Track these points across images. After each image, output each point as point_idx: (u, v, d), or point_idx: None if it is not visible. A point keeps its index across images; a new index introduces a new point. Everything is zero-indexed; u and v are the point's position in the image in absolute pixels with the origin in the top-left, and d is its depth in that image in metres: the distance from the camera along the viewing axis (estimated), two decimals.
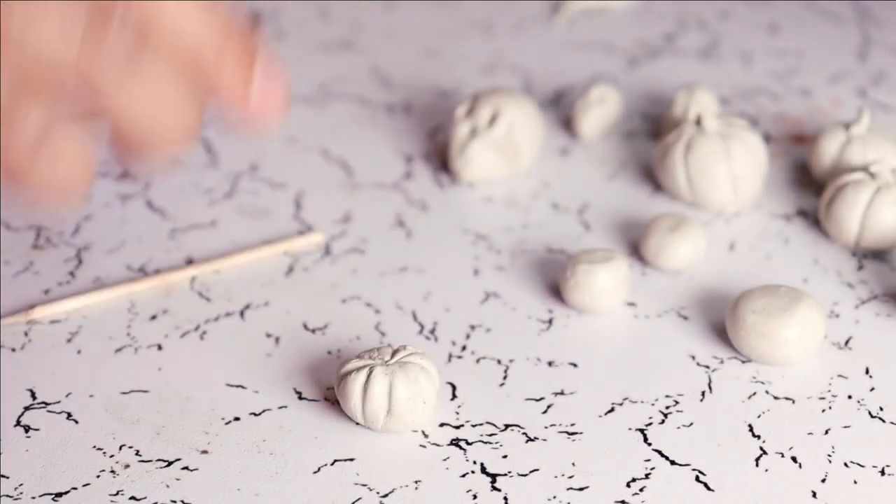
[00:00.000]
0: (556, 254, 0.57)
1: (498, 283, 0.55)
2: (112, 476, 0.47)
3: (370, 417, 0.48)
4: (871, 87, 0.68)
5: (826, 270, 0.56)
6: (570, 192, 0.61)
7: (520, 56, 0.70)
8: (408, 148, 0.63)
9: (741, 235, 0.58)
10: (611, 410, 0.49)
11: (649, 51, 0.71)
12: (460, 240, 0.58)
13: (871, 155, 0.58)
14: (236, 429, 0.49)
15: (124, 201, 0.60)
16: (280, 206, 0.60)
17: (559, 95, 0.67)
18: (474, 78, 0.68)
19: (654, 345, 0.52)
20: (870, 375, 0.51)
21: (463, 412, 0.49)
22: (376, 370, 0.48)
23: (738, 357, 0.51)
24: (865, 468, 0.47)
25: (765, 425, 0.49)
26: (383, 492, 0.46)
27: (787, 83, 0.68)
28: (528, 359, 0.52)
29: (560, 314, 0.54)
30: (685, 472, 0.47)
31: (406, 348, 0.49)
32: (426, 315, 0.54)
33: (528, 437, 0.48)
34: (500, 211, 0.60)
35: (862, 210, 0.56)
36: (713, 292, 0.55)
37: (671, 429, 0.48)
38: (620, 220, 0.59)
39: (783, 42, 0.72)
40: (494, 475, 0.47)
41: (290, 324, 0.53)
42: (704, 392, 0.50)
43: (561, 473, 0.47)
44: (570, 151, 0.63)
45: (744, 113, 0.66)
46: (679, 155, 0.58)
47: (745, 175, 0.58)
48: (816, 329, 0.50)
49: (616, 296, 0.53)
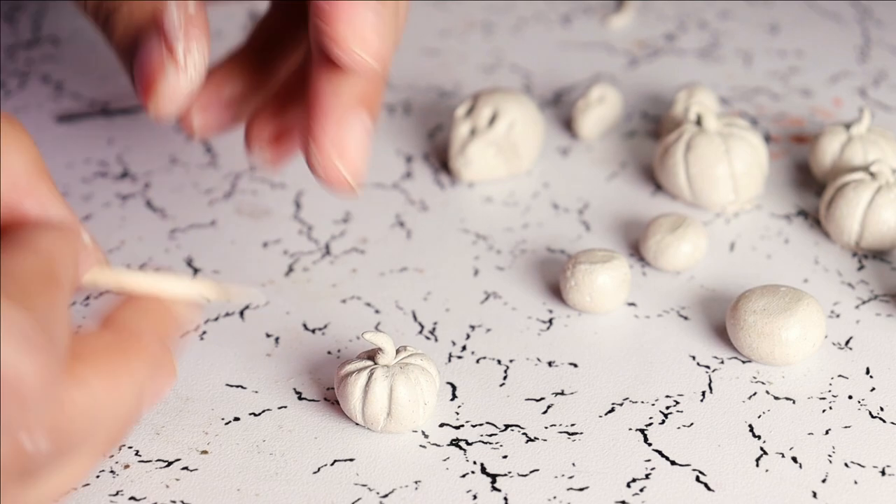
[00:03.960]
0: (556, 254, 0.57)
1: (498, 283, 0.55)
2: (112, 476, 0.47)
3: (370, 419, 0.48)
4: (872, 87, 0.68)
5: (826, 270, 0.56)
6: (570, 192, 0.61)
7: (520, 56, 0.70)
8: (408, 148, 0.63)
9: (741, 235, 0.58)
10: (611, 410, 0.49)
11: (649, 51, 0.71)
12: (460, 240, 0.58)
13: (872, 155, 0.58)
14: (236, 429, 0.49)
15: (124, 201, 0.60)
16: (280, 206, 0.60)
17: (559, 95, 0.67)
18: (474, 78, 0.68)
19: (655, 345, 0.52)
20: (870, 375, 0.51)
21: (463, 412, 0.49)
22: (376, 372, 0.48)
23: (739, 357, 0.51)
24: (866, 468, 0.47)
25: (765, 425, 0.48)
26: (383, 492, 0.46)
27: (787, 83, 0.68)
28: (528, 359, 0.52)
29: (560, 314, 0.54)
30: (685, 473, 0.47)
31: (406, 349, 0.49)
32: (426, 315, 0.54)
33: (528, 437, 0.48)
34: (500, 211, 0.60)
35: (862, 210, 0.56)
36: (713, 292, 0.55)
37: (671, 429, 0.48)
38: (620, 220, 0.59)
39: (783, 42, 0.72)
40: (494, 475, 0.47)
41: (290, 324, 0.53)
42: (705, 392, 0.50)
43: (561, 473, 0.47)
44: (570, 151, 0.63)
45: (744, 113, 0.66)
46: (679, 155, 0.58)
47: (746, 175, 0.58)
48: (817, 329, 0.50)
49: (616, 296, 0.53)
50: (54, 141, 0.64)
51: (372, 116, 0.48)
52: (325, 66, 0.48)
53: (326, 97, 0.47)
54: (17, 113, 0.66)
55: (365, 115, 0.48)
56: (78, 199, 0.60)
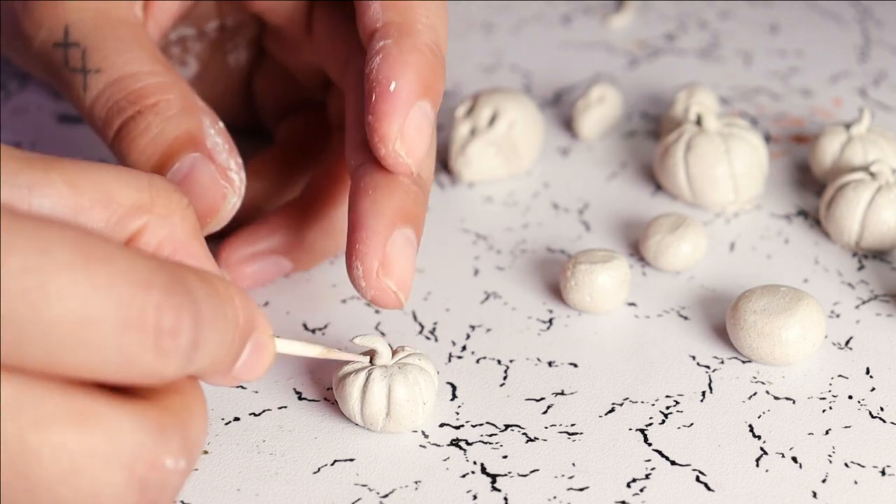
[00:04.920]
0: (556, 254, 0.57)
1: (498, 283, 0.55)
2: None
3: (369, 420, 0.48)
4: (872, 87, 0.68)
5: (826, 270, 0.56)
6: (570, 192, 0.61)
7: (520, 56, 0.70)
8: None
9: (741, 235, 0.58)
10: (611, 410, 0.49)
11: (649, 51, 0.71)
12: (460, 240, 0.58)
13: (872, 155, 0.58)
14: (236, 429, 0.49)
15: None
16: None
17: (559, 95, 0.67)
18: (474, 78, 0.68)
19: (655, 345, 0.52)
20: (870, 375, 0.51)
21: (463, 412, 0.49)
22: (374, 373, 0.47)
23: (739, 357, 0.51)
24: (866, 468, 0.47)
25: (765, 425, 0.48)
26: (383, 492, 0.46)
27: (787, 83, 0.68)
28: (528, 359, 0.52)
29: (560, 314, 0.54)
30: (685, 473, 0.47)
31: (405, 349, 0.49)
32: (426, 315, 0.54)
33: (528, 437, 0.48)
34: (500, 211, 0.60)
35: (862, 210, 0.56)
36: (713, 292, 0.55)
37: (671, 429, 0.48)
38: (620, 220, 0.59)
39: (783, 42, 0.72)
40: (494, 475, 0.47)
41: (290, 324, 0.53)
42: (705, 392, 0.50)
43: (561, 473, 0.47)
44: (570, 151, 0.63)
45: (744, 113, 0.66)
46: (679, 155, 0.58)
47: (746, 175, 0.58)
48: (817, 329, 0.50)
49: (616, 296, 0.53)
50: (54, 141, 0.64)
51: (417, 231, 0.48)
52: (363, 181, 0.48)
53: (369, 214, 0.47)
54: (17, 114, 0.66)
55: (409, 231, 0.47)
56: None
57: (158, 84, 0.49)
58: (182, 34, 0.58)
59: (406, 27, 0.48)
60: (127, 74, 0.49)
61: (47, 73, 0.51)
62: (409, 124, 0.47)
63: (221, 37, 0.59)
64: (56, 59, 0.50)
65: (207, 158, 0.48)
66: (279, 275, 0.54)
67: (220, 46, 0.59)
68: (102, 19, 0.50)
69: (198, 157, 0.48)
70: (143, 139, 0.48)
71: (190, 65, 0.59)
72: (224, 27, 0.59)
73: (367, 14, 0.49)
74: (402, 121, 0.47)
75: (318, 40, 0.54)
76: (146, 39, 0.51)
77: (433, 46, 0.49)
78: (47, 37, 0.50)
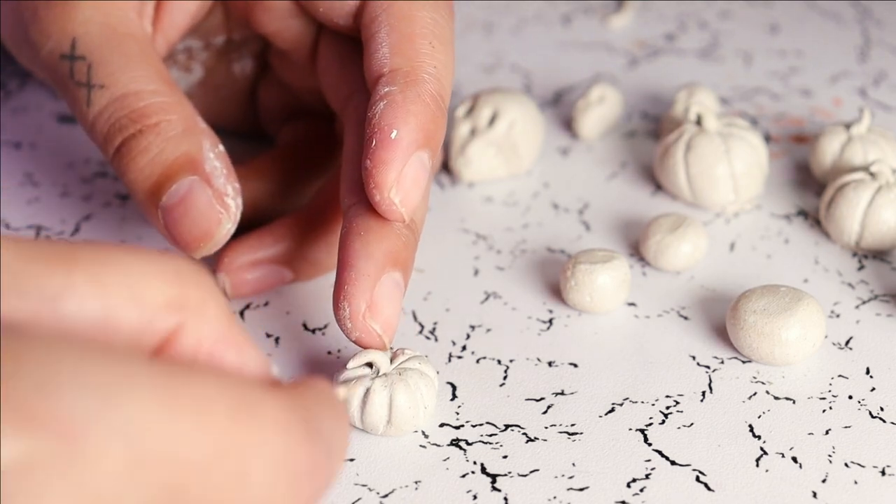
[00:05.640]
0: (556, 254, 0.57)
1: (498, 283, 0.55)
2: None
3: (370, 426, 0.47)
4: (872, 87, 0.68)
5: (826, 270, 0.56)
6: (570, 192, 0.61)
7: (520, 56, 0.70)
8: None
9: (741, 235, 0.58)
10: (611, 410, 0.49)
11: (649, 51, 0.71)
12: (460, 240, 0.58)
13: (872, 155, 0.58)
14: None
15: (124, 201, 0.60)
16: None
17: (559, 95, 0.67)
18: (474, 78, 0.68)
19: (654, 345, 0.52)
20: (870, 376, 0.51)
21: (463, 412, 0.49)
22: (375, 383, 0.47)
23: (739, 357, 0.51)
24: (866, 468, 0.47)
25: (765, 425, 0.48)
26: (383, 492, 0.46)
27: (787, 83, 0.68)
28: (528, 359, 0.52)
29: (560, 314, 0.54)
30: (685, 473, 0.47)
31: (404, 352, 0.48)
32: (426, 315, 0.54)
33: (528, 437, 0.48)
34: (500, 211, 0.59)
35: (862, 210, 0.56)
36: (713, 292, 0.55)
37: (671, 429, 0.48)
38: (620, 220, 0.59)
39: (783, 42, 0.72)
40: (494, 475, 0.47)
41: (290, 324, 0.53)
42: (705, 392, 0.50)
43: (561, 473, 0.47)
44: (570, 151, 0.63)
45: (744, 113, 0.66)
46: (679, 155, 0.58)
47: (746, 175, 0.58)
48: (817, 329, 0.50)
49: (616, 296, 0.53)
50: (54, 141, 0.64)
51: (405, 275, 0.48)
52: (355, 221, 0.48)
53: (359, 256, 0.47)
54: (17, 113, 0.66)
55: (398, 275, 0.48)
56: (78, 199, 0.60)
57: (161, 104, 0.49)
58: (189, 45, 0.58)
59: (413, 76, 0.48)
60: (131, 92, 0.49)
61: (53, 83, 0.52)
62: (406, 173, 0.47)
63: (228, 48, 0.59)
64: (62, 71, 0.50)
65: (205, 182, 0.48)
66: (279, 284, 0.54)
67: (225, 56, 0.59)
68: (110, 34, 0.50)
69: (195, 180, 0.48)
70: (143, 158, 0.48)
71: (195, 71, 0.59)
72: (231, 41, 0.59)
73: (376, 57, 0.49)
74: (400, 169, 0.47)
75: (323, 70, 0.54)
76: (153, 56, 0.51)
77: (437, 98, 0.49)
78: (54, 48, 0.50)
